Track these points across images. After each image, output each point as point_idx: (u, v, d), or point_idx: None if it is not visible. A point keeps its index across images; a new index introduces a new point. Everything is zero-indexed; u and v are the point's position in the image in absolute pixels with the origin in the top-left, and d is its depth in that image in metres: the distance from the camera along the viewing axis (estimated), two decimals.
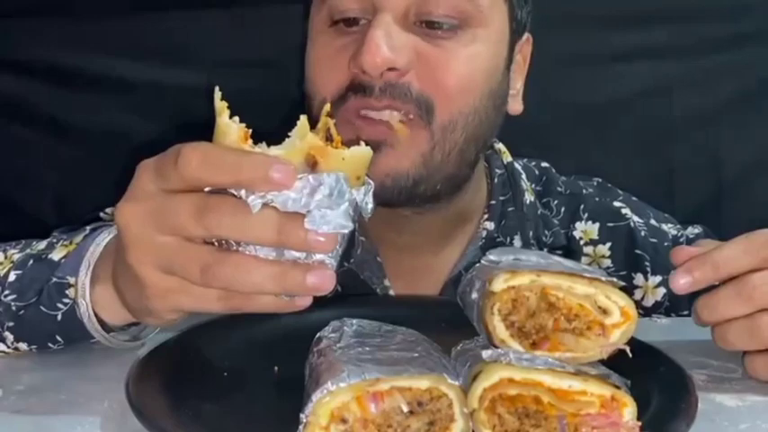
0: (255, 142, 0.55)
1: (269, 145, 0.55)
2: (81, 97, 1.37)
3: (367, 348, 0.61)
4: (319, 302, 0.84)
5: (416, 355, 0.60)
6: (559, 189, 1.03)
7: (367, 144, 0.56)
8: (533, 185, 1.03)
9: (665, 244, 0.99)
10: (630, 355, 0.57)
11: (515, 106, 0.92)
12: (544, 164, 1.08)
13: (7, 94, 1.39)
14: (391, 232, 0.93)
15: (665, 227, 1.02)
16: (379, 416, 0.55)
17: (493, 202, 0.97)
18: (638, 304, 0.96)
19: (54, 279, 0.70)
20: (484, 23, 0.81)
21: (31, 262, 0.73)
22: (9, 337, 0.72)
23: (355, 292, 0.93)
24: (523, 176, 1.02)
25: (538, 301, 0.58)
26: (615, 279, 0.59)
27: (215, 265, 0.54)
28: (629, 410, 0.55)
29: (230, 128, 0.54)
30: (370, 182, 0.57)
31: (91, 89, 1.36)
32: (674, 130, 1.29)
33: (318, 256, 0.56)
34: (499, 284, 0.58)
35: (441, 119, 0.80)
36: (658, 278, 0.98)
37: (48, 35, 1.36)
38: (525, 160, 1.07)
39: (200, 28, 1.33)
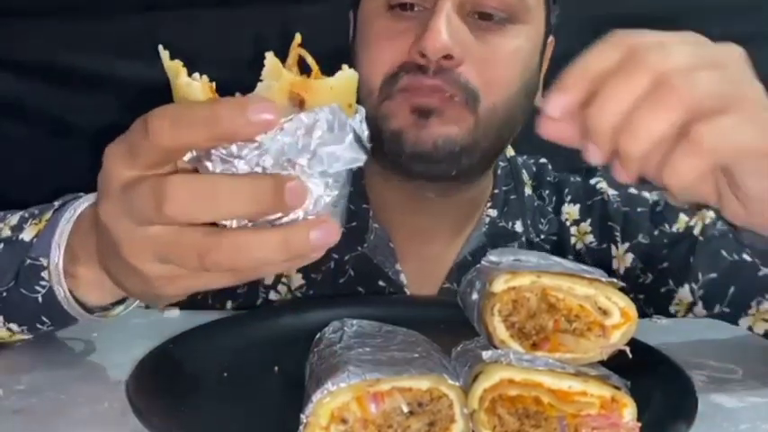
0: (223, 95, 0.50)
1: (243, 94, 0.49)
2: (79, 97, 1.37)
3: (367, 349, 0.61)
4: (320, 303, 0.85)
5: (417, 355, 0.60)
6: (549, 179, 1.08)
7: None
8: (530, 180, 1.08)
9: (639, 209, 1.01)
10: (630, 356, 0.57)
11: (539, 100, 0.96)
12: (542, 159, 1.11)
13: (6, 94, 1.39)
14: (408, 215, 0.97)
15: (646, 194, 1.03)
16: (380, 416, 0.55)
17: (496, 191, 1.02)
18: (613, 274, 0.98)
19: (28, 261, 0.68)
20: (527, 21, 0.88)
21: (3, 245, 0.71)
22: None
23: (368, 275, 0.96)
24: (524, 171, 1.08)
25: (538, 302, 0.58)
26: (615, 280, 0.59)
27: (212, 250, 0.49)
28: (629, 411, 0.55)
29: (192, 86, 0.49)
30: (361, 108, 0.52)
31: (89, 89, 1.36)
32: None
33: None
34: (499, 285, 0.58)
35: (485, 105, 0.87)
36: (627, 245, 1.00)
37: (46, 35, 1.36)
38: (525, 157, 1.11)
39: (200, 28, 1.33)
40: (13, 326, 0.72)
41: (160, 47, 0.50)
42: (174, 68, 0.50)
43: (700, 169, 0.53)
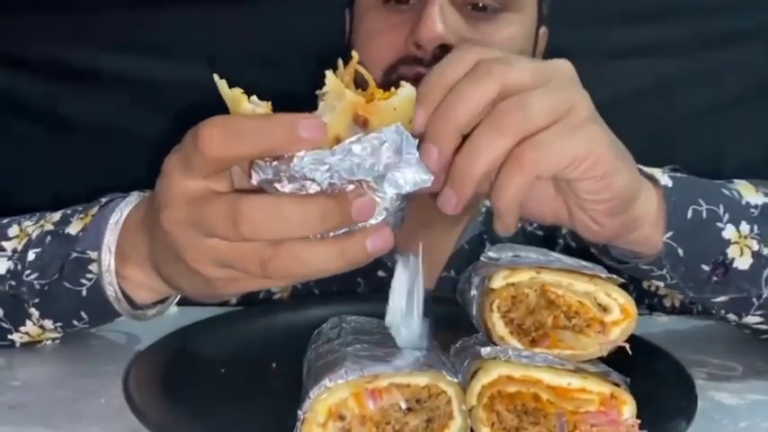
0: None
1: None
2: (81, 92, 1.37)
3: (365, 345, 0.61)
4: (318, 299, 0.85)
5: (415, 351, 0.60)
6: None
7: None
8: None
9: None
10: (630, 353, 0.57)
11: None
12: None
13: (6, 90, 1.39)
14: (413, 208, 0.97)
15: None
16: (378, 413, 0.55)
17: None
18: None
19: (74, 254, 0.69)
20: (520, 9, 0.89)
21: (49, 238, 0.72)
22: (35, 313, 0.72)
23: (368, 266, 0.94)
24: None
25: (537, 299, 0.58)
26: (615, 276, 0.59)
27: (273, 259, 0.51)
28: (628, 408, 0.55)
29: (257, 112, 0.51)
30: None
31: (91, 84, 1.36)
32: (674, 127, 1.29)
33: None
34: (498, 281, 0.58)
35: None
36: None
37: (47, 30, 1.36)
38: None
39: (201, 22, 1.33)
40: (48, 322, 0.72)
41: (215, 76, 0.51)
42: (235, 98, 0.51)
43: (523, 185, 0.56)
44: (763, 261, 0.67)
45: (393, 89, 0.52)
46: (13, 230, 0.75)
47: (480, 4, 0.86)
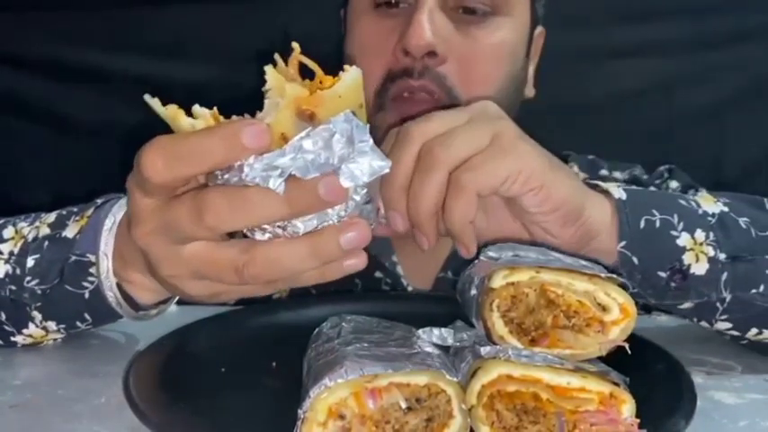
0: (228, 116, 0.50)
1: (249, 116, 0.50)
2: (81, 91, 1.37)
3: (365, 344, 0.61)
4: (318, 299, 0.84)
5: (415, 351, 0.60)
6: None
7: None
8: None
9: None
10: (629, 352, 0.57)
11: (528, 91, 0.99)
12: None
13: (6, 88, 1.38)
14: None
15: (617, 173, 1.03)
16: (377, 412, 0.55)
17: None
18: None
19: (73, 257, 0.70)
20: (510, 13, 0.88)
21: (47, 243, 0.72)
22: (38, 316, 0.72)
23: (366, 267, 0.94)
24: None
25: (537, 298, 0.58)
26: (615, 276, 0.59)
27: (247, 265, 0.51)
28: (627, 407, 0.55)
29: (197, 127, 0.49)
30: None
31: (91, 83, 1.36)
32: (674, 127, 1.29)
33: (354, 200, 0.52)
34: (498, 281, 0.58)
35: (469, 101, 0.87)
36: None
37: (47, 29, 1.36)
38: None
39: (202, 21, 1.33)
40: (50, 324, 0.73)
41: (146, 96, 0.50)
42: (171, 114, 0.50)
43: (466, 204, 0.62)
44: (720, 266, 0.68)
45: (340, 73, 0.51)
46: (8, 232, 0.75)
47: (470, 7, 0.86)
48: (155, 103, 0.50)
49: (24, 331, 0.74)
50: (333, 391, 0.54)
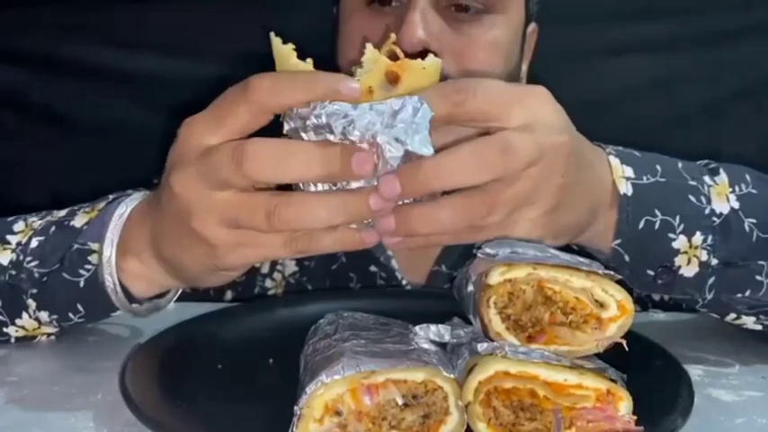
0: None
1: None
2: (81, 88, 1.36)
3: (362, 341, 0.61)
4: (315, 295, 0.85)
5: (412, 347, 0.60)
6: None
7: None
8: None
9: None
10: (627, 349, 0.57)
11: None
12: None
13: (6, 85, 1.38)
14: None
15: None
16: (374, 408, 0.55)
17: None
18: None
19: (76, 246, 0.70)
20: (504, 10, 0.88)
21: (53, 229, 0.73)
22: (32, 304, 0.72)
23: (360, 261, 0.96)
24: None
25: (534, 294, 0.58)
26: (612, 273, 0.59)
27: (279, 207, 0.54)
28: (624, 404, 0.55)
29: (300, 68, 0.55)
30: None
31: (91, 80, 1.36)
32: (673, 126, 1.29)
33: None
34: (495, 277, 0.58)
35: None
36: None
37: (47, 25, 1.36)
38: None
39: (203, 18, 1.33)
40: (44, 314, 0.72)
41: (271, 34, 0.55)
42: (286, 53, 0.55)
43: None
44: (710, 271, 0.68)
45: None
46: (19, 226, 0.75)
47: (463, 5, 0.85)
48: (275, 40, 0.55)
49: (17, 322, 0.73)
50: (329, 387, 0.54)
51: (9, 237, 0.74)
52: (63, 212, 0.75)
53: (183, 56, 1.33)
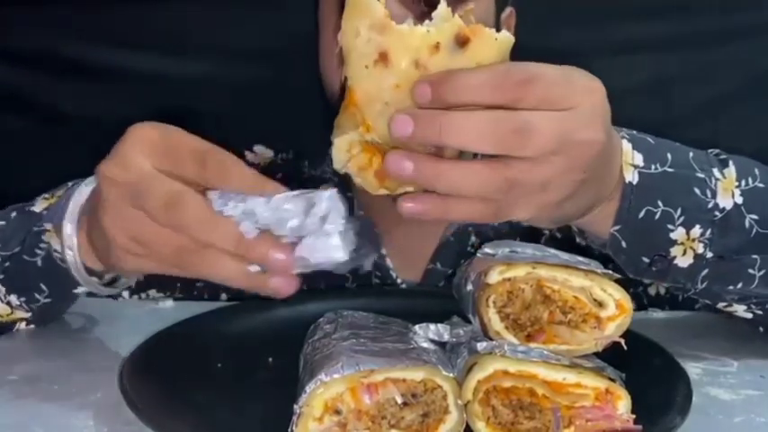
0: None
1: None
2: (81, 87, 1.36)
3: (362, 340, 0.61)
4: (314, 294, 0.85)
5: (411, 346, 0.60)
6: None
7: None
8: None
9: None
10: (625, 348, 0.57)
11: None
12: None
13: (6, 84, 1.38)
14: (391, 202, 0.97)
15: None
16: (373, 407, 0.55)
17: None
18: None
19: (34, 229, 0.72)
20: None
21: (14, 214, 0.75)
22: (1, 289, 0.74)
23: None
24: None
25: (533, 294, 0.58)
26: (611, 272, 0.59)
27: (192, 254, 0.56)
28: (623, 403, 0.55)
29: (375, 4, 0.51)
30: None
31: (91, 79, 1.35)
32: (672, 125, 1.29)
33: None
34: (495, 276, 0.58)
35: None
36: None
37: (47, 24, 1.35)
38: None
39: (204, 18, 1.33)
40: (13, 298, 0.74)
41: None
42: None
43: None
44: (704, 263, 0.68)
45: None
46: None
47: None
48: None
49: None
50: (329, 386, 0.54)
51: None
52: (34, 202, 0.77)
53: (183, 56, 1.33)
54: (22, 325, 0.78)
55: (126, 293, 0.94)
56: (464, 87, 0.51)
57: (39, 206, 0.74)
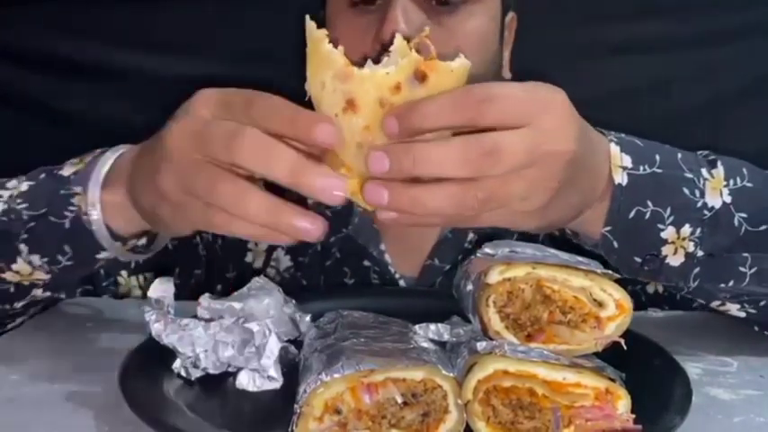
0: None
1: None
2: (79, 86, 1.36)
3: (362, 339, 0.61)
4: (314, 294, 0.85)
5: (411, 346, 0.60)
6: None
7: None
8: None
9: None
10: (625, 348, 0.57)
11: (505, 74, 1.00)
12: None
13: (4, 83, 1.38)
14: None
15: None
16: (373, 407, 0.55)
17: None
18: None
19: (62, 191, 0.72)
20: (481, 0, 0.90)
21: (43, 175, 0.76)
22: (24, 249, 0.74)
23: (354, 256, 0.98)
24: None
25: (533, 294, 0.58)
26: (611, 272, 0.59)
27: (233, 198, 0.56)
28: (623, 403, 0.55)
29: (335, 54, 0.54)
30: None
31: (89, 78, 1.35)
32: (672, 125, 1.29)
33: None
34: (495, 276, 0.58)
35: None
36: None
37: (46, 23, 1.36)
38: None
39: (200, 17, 1.33)
40: (35, 258, 0.74)
41: (307, 17, 0.55)
42: (319, 38, 0.54)
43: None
44: (696, 261, 0.69)
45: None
46: (12, 183, 0.77)
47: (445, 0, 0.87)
48: (310, 24, 0.55)
49: (13, 266, 0.75)
50: (329, 385, 0.54)
51: (1, 191, 0.76)
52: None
53: (183, 55, 1.33)
54: (38, 291, 0.78)
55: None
56: (427, 113, 0.53)
57: (67, 170, 0.74)
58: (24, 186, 0.75)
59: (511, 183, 0.55)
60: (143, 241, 0.73)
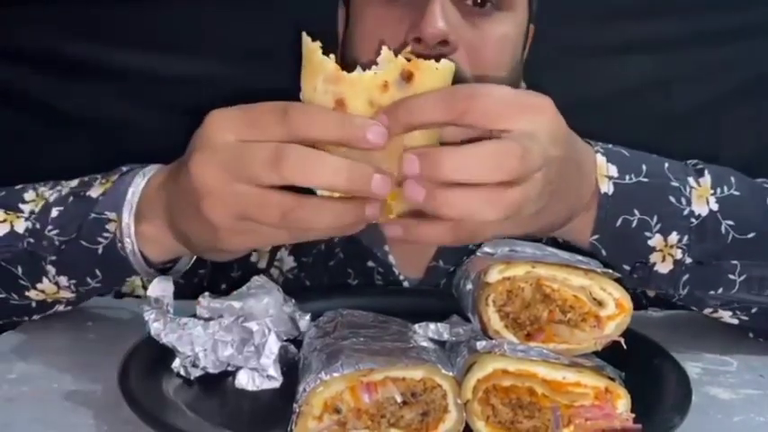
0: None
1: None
2: (79, 86, 1.36)
3: (361, 339, 0.61)
4: (315, 293, 0.85)
5: (411, 345, 0.60)
6: None
7: None
8: None
9: None
10: (625, 348, 0.57)
11: (521, 84, 1.00)
12: None
13: (5, 83, 1.38)
14: None
15: None
16: (373, 406, 0.55)
17: None
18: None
19: (93, 215, 0.72)
20: (513, 8, 0.91)
21: (72, 199, 0.75)
22: (51, 270, 0.74)
23: (357, 257, 0.97)
24: None
25: (533, 293, 0.58)
26: (611, 271, 0.59)
27: (295, 209, 0.55)
28: (622, 402, 0.55)
29: (327, 62, 0.55)
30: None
31: (90, 78, 1.35)
32: (672, 125, 1.29)
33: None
34: (494, 275, 0.58)
35: None
36: None
37: (46, 23, 1.35)
38: None
39: (200, 17, 1.33)
40: (63, 279, 0.74)
41: (303, 33, 0.56)
42: (313, 49, 0.56)
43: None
44: (684, 268, 0.70)
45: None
46: (29, 195, 0.78)
47: (479, 0, 0.88)
48: (306, 37, 0.56)
49: (38, 286, 0.75)
50: (328, 384, 0.54)
51: (21, 206, 0.76)
52: (75, 182, 0.78)
53: (183, 55, 1.33)
54: (60, 307, 0.79)
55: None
56: (415, 108, 0.55)
57: (95, 191, 0.74)
58: (54, 212, 0.74)
59: (526, 187, 0.55)
60: (170, 264, 0.74)
